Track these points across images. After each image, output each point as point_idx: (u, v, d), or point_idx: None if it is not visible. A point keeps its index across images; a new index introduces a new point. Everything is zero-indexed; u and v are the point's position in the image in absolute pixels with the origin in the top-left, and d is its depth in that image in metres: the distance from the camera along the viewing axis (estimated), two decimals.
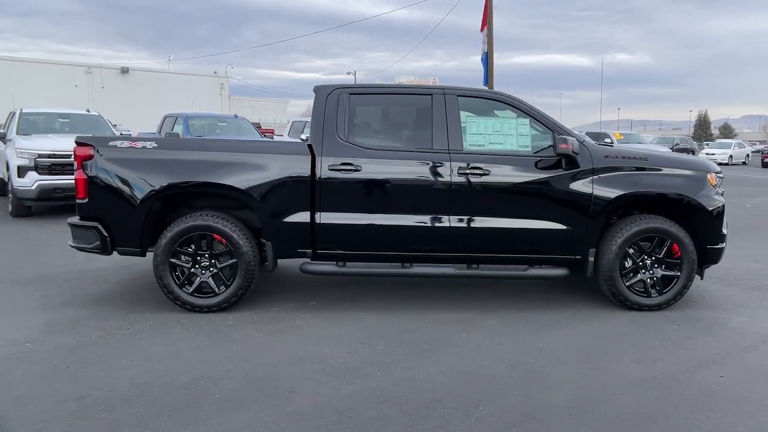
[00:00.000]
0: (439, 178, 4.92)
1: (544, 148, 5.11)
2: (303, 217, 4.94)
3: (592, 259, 5.05)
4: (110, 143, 4.97)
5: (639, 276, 5.12)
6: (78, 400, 3.34)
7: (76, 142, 5.01)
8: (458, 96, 5.12)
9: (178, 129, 12.77)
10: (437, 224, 4.95)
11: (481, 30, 20.86)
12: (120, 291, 5.61)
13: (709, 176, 5.18)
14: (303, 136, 14.35)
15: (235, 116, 13.66)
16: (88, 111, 12.15)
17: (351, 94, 5.13)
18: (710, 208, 5.10)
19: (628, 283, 5.09)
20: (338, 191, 4.94)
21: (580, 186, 4.97)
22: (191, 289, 4.95)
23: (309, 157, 4.92)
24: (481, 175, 4.92)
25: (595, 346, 4.30)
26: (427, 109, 5.10)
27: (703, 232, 5.14)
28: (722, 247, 5.25)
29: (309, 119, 16.23)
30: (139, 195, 4.86)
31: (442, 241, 5.02)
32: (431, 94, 5.12)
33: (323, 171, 4.90)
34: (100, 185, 4.92)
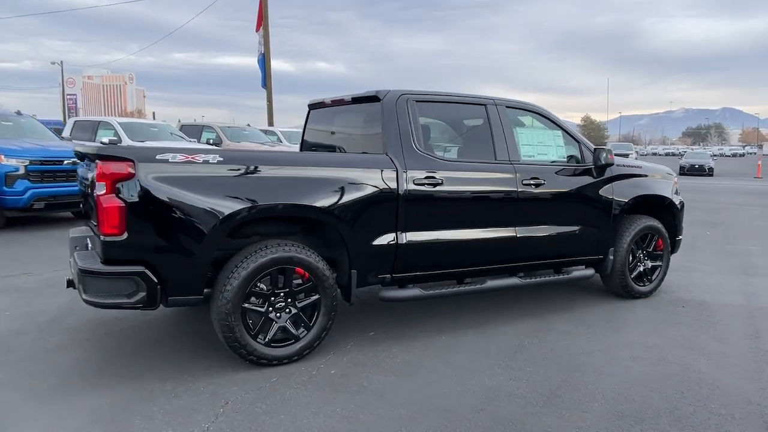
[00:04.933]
0: (510, 189, 4.91)
1: (566, 158, 5.49)
2: (388, 238, 4.41)
3: (611, 257, 5.62)
4: (158, 156, 3.67)
5: (639, 268, 5.88)
6: None
7: (101, 156, 3.58)
8: (506, 107, 5.15)
9: None
10: (508, 235, 4.93)
11: (257, 30, 20.27)
12: (105, 357, 4.18)
13: (674, 179, 6.21)
14: (105, 140, 12.16)
15: (18, 113, 10.75)
16: None
17: (417, 101, 4.73)
18: (679, 206, 6.12)
19: (632, 276, 5.81)
20: (421, 207, 4.54)
21: (605, 192, 5.48)
22: (267, 338, 4.00)
23: (395, 171, 4.41)
24: (538, 185, 5.06)
25: (670, 335, 4.83)
26: (484, 119, 5.02)
27: (673, 227, 6.14)
28: (681, 238, 6.34)
29: (102, 118, 13.71)
30: (210, 224, 3.73)
31: (510, 252, 5.01)
32: (485, 105, 5.04)
33: (408, 185, 4.45)
34: (148, 215, 3.62)
